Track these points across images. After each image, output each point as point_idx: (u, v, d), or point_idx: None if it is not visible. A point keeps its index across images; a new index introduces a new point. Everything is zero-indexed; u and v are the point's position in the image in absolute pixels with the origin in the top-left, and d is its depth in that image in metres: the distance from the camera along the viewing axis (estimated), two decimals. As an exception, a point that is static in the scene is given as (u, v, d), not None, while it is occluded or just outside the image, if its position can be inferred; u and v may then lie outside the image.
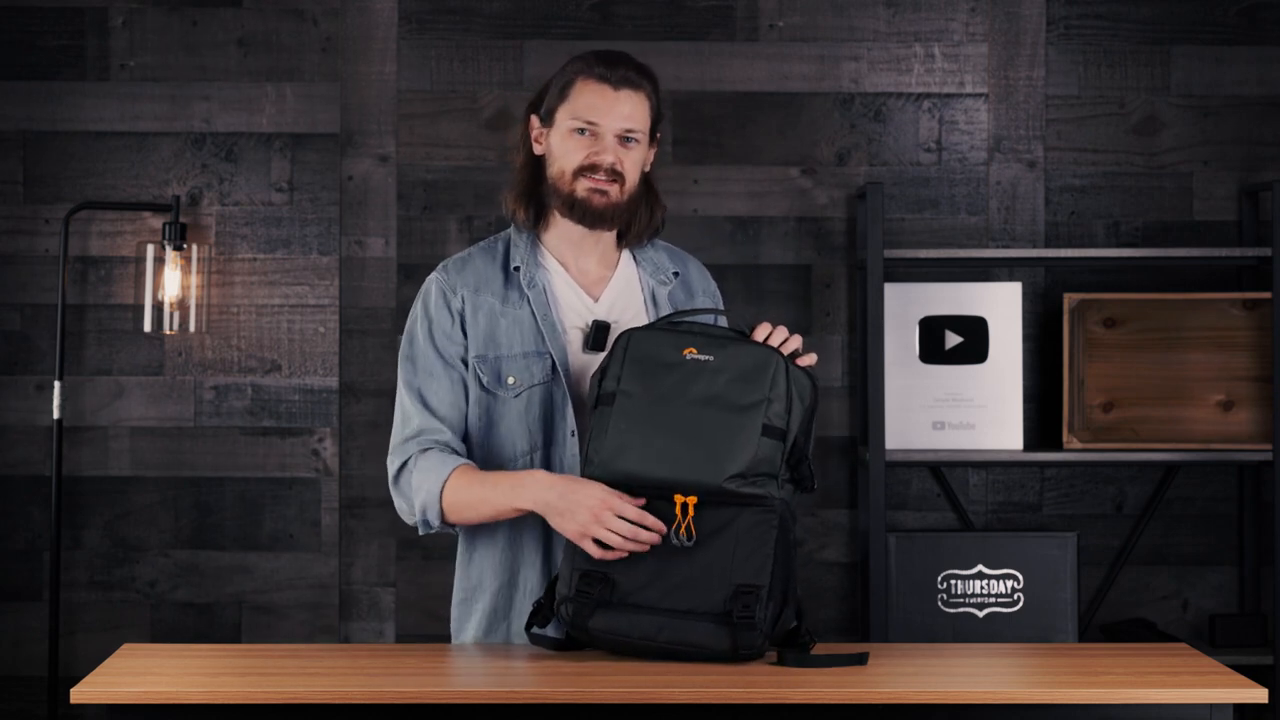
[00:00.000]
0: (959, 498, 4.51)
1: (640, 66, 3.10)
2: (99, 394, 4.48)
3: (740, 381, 2.86)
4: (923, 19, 4.52)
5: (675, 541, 2.84)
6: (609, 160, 3.06)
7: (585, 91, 3.06)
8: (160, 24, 4.49)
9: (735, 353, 2.88)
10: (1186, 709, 2.68)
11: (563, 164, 3.08)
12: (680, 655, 2.84)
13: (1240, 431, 4.33)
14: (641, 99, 3.08)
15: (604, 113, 3.05)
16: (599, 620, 2.85)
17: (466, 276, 3.12)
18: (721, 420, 2.84)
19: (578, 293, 3.12)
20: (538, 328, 3.08)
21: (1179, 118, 4.53)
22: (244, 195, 4.49)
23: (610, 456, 2.87)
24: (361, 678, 2.77)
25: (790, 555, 2.87)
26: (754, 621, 2.80)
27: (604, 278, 3.15)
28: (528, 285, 3.10)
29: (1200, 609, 4.52)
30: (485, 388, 3.08)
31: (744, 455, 2.83)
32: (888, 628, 4.22)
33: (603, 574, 2.86)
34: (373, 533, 4.48)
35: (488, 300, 3.10)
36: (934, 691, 2.69)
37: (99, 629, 4.47)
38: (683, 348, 2.89)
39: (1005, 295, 4.32)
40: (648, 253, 3.19)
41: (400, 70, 4.50)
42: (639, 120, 3.07)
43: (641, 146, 3.09)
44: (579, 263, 3.14)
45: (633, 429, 2.87)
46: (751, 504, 2.83)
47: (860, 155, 4.51)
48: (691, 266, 3.23)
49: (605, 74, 3.06)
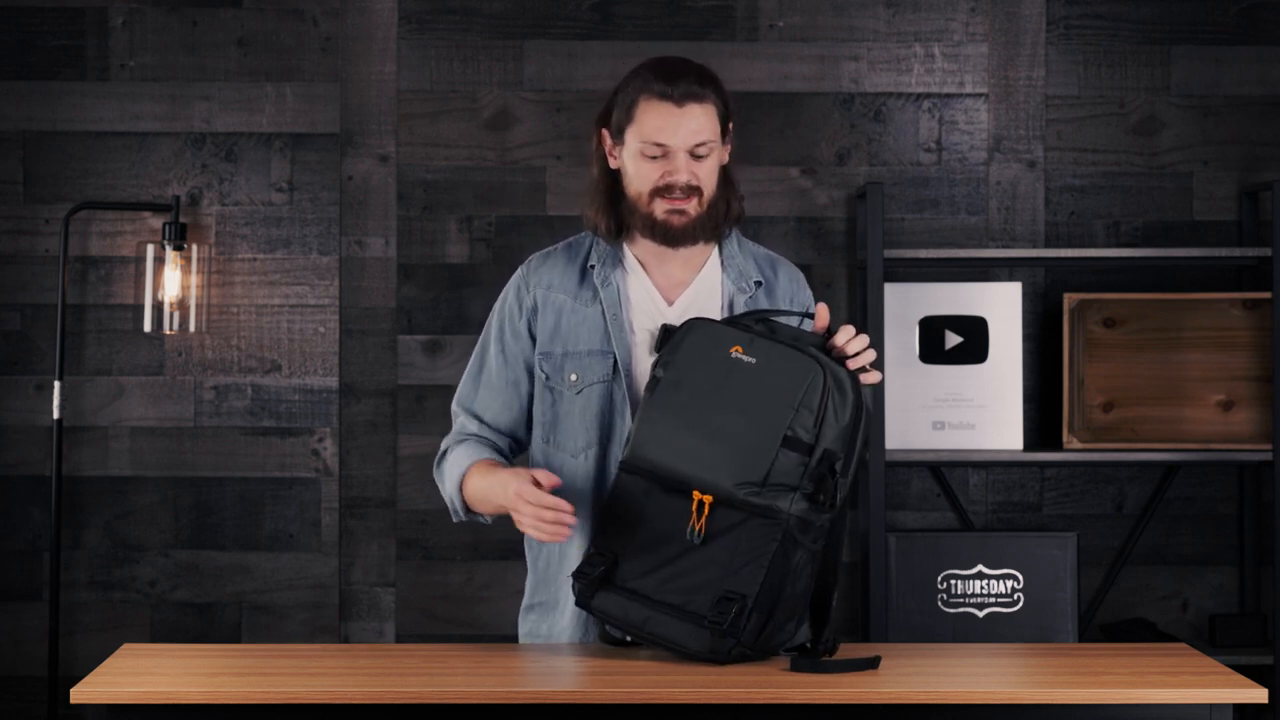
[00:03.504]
0: (959, 498, 4.51)
1: (701, 73, 3.06)
2: (99, 394, 4.48)
3: (774, 389, 2.84)
4: (923, 19, 4.52)
5: (687, 537, 2.85)
6: (683, 180, 3.04)
7: (650, 113, 3.03)
8: (160, 24, 4.49)
9: (779, 358, 2.86)
10: (1186, 709, 2.68)
11: (638, 186, 3.06)
12: (660, 647, 2.87)
13: (1240, 431, 4.33)
14: (708, 109, 3.04)
15: (671, 133, 3.02)
16: (598, 600, 2.90)
17: (543, 274, 3.14)
18: (745, 426, 2.84)
19: (653, 295, 3.12)
20: (606, 327, 3.09)
21: (1179, 118, 4.53)
22: (244, 195, 4.49)
23: (639, 442, 2.91)
24: (361, 678, 2.77)
25: (791, 570, 2.84)
26: (726, 629, 2.80)
27: (685, 282, 3.13)
28: (601, 284, 3.11)
29: (1200, 609, 4.52)
30: (549, 384, 3.11)
31: (760, 464, 2.82)
32: (888, 628, 4.22)
33: (612, 554, 2.90)
34: (373, 533, 4.48)
35: (559, 297, 3.12)
36: (934, 691, 2.69)
37: (99, 629, 4.47)
38: (732, 344, 2.89)
39: (1005, 295, 4.32)
40: (737, 259, 3.16)
41: (400, 70, 4.50)
42: (708, 131, 3.04)
43: (715, 152, 3.06)
44: (662, 267, 3.13)
45: (663, 419, 2.89)
46: (759, 514, 2.83)
47: (860, 155, 4.51)
48: (781, 274, 3.19)
49: (667, 91, 3.01)
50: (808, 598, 2.90)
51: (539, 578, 3.17)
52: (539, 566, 3.17)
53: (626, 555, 2.89)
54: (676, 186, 3.04)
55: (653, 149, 3.03)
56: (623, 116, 3.07)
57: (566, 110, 4.49)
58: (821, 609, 2.92)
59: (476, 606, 4.48)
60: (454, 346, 4.48)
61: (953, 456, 4.27)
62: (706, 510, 2.84)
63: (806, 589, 2.88)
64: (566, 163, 4.48)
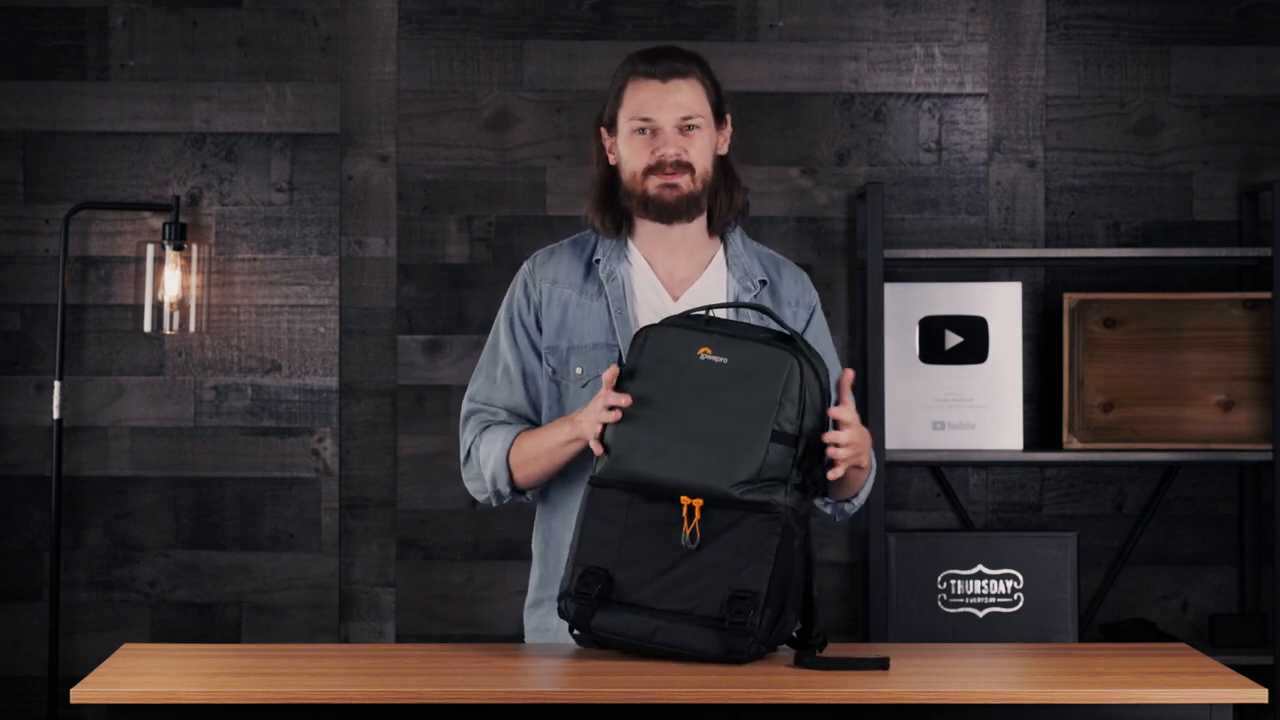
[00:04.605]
0: (959, 498, 4.51)
1: (686, 54, 3.12)
2: (99, 394, 4.48)
3: (752, 385, 2.85)
4: (923, 19, 4.52)
5: (681, 543, 2.84)
6: (672, 153, 3.07)
7: (636, 91, 3.09)
8: (160, 24, 4.49)
9: (749, 354, 2.87)
10: (1186, 709, 2.68)
11: (632, 166, 3.10)
12: (674, 656, 2.84)
13: (1240, 431, 4.33)
14: (694, 84, 3.09)
15: (657, 107, 3.07)
16: (599, 620, 2.85)
17: (549, 269, 3.17)
18: (731, 425, 2.84)
19: (658, 290, 3.13)
20: (610, 321, 3.10)
21: (1179, 118, 4.53)
22: (244, 195, 4.49)
23: (618, 456, 2.88)
24: (361, 678, 2.77)
25: (792, 561, 2.85)
26: (746, 628, 2.80)
27: (690, 278, 3.15)
28: (606, 279, 3.13)
29: (1200, 609, 4.52)
30: (555, 377, 3.12)
31: (752, 462, 2.83)
32: (888, 628, 4.22)
33: (604, 571, 2.86)
34: (373, 533, 4.48)
35: (564, 292, 3.14)
36: (934, 691, 2.69)
37: (99, 629, 4.47)
38: (698, 347, 2.89)
39: (1005, 295, 4.32)
40: (742, 258, 3.17)
41: (400, 70, 4.50)
42: (695, 106, 3.08)
43: (706, 131, 3.10)
44: (666, 262, 3.15)
45: (639, 430, 2.87)
46: (756, 510, 2.83)
47: (860, 155, 4.51)
48: (786, 274, 3.21)
49: (650, 70, 3.08)
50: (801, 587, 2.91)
51: (549, 571, 3.16)
52: (549, 560, 3.16)
53: (619, 570, 2.86)
54: (666, 162, 3.07)
55: (640, 123, 3.08)
56: (614, 105, 3.12)
57: (566, 110, 4.50)
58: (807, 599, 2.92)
59: (476, 606, 4.48)
60: (454, 346, 4.48)
61: (953, 456, 4.27)
62: (698, 515, 2.84)
63: (801, 578, 2.89)
64: (566, 163, 4.48)
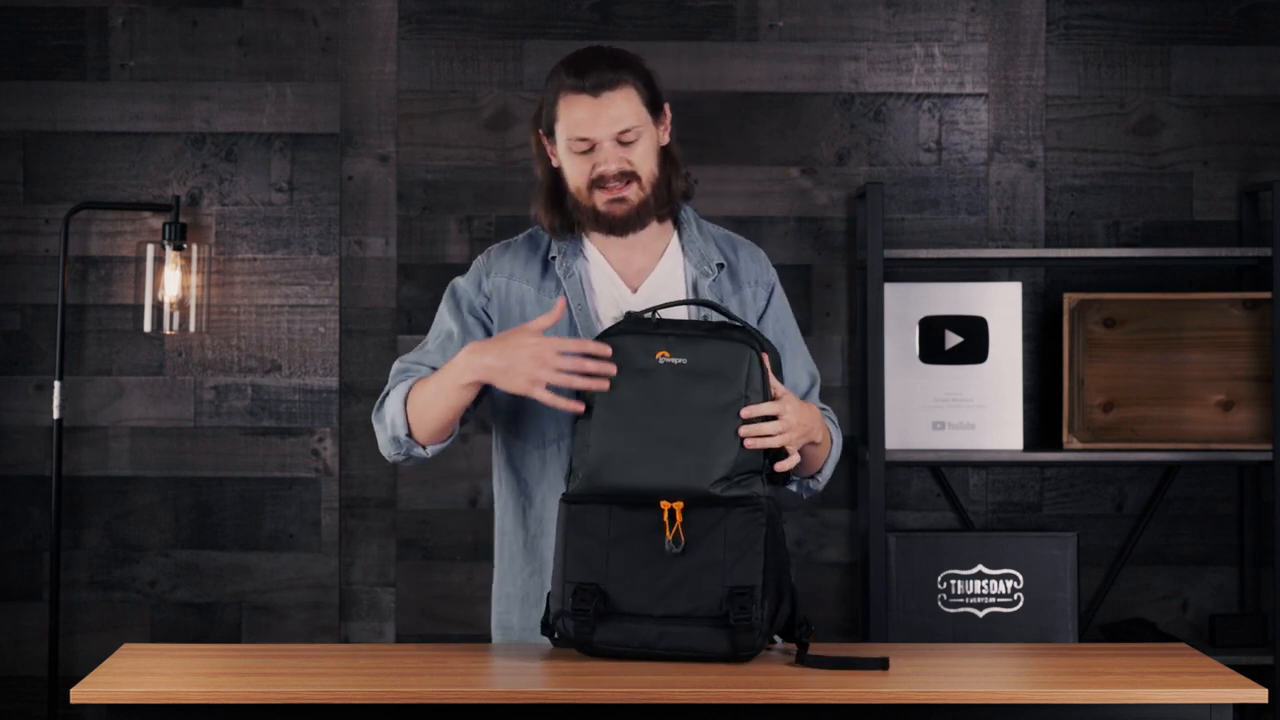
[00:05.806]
0: (959, 498, 4.51)
1: (615, 60, 3.05)
2: (99, 394, 4.48)
3: (716, 381, 2.85)
4: (923, 19, 4.52)
5: (666, 548, 2.84)
6: (613, 169, 3.04)
7: (569, 108, 3.04)
8: (160, 24, 4.49)
9: (708, 351, 2.87)
10: (1186, 709, 2.68)
11: (575, 181, 3.07)
12: (681, 659, 2.84)
13: (1240, 431, 4.33)
14: (626, 93, 3.04)
15: (591, 125, 3.03)
16: (600, 634, 2.85)
17: (504, 263, 3.15)
18: (701, 424, 2.84)
19: (615, 283, 3.11)
20: (571, 316, 3.08)
21: (1179, 118, 4.53)
22: (244, 195, 4.50)
23: (593, 469, 2.87)
24: (361, 678, 2.77)
25: (781, 549, 2.87)
26: (751, 623, 2.80)
27: (647, 269, 3.13)
28: (564, 274, 3.11)
29: (1200, 609, 4.52)
30: None
31: (727, 457, 2.84)
32: (888, 628, 4.22)
33: (595, 586, 2.85)
34: (373, 533, 4.48)
35: (521, 287, 3.12)
36: (934, 691, 2.69)
37: (99, 629, 4.47)
38: (655, 350, 2.88)
39: (1005, 295, 4.32)
40: (697, 242, 3.15)
41: (400, 70, 4.50)
42: (630, 116, 3.04)
43: (646, 134, 3.06)
44: (621, 254, 3.13)
45: (609, 442, 2.86)
46: (738, 504, 2.84)
47: (860, 155, 4.51)
48: (743, 254, 3.18)
49: (579, 84, 3.03)
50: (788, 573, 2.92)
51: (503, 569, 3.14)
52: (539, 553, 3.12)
53: (610, 583, 2.85)
54: (608, 176, 3.04)
55: (579, 144, 3.04)
56: (550, 116, 3.08)
57: (566, 110, 4.49)
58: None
59: (476, 606, 4.48)
60: (454, 346, 4.48)
61: (953, 456, 4.27)
62: (679, 518, 2.84)
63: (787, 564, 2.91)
64: (566, 163, 4.48)
